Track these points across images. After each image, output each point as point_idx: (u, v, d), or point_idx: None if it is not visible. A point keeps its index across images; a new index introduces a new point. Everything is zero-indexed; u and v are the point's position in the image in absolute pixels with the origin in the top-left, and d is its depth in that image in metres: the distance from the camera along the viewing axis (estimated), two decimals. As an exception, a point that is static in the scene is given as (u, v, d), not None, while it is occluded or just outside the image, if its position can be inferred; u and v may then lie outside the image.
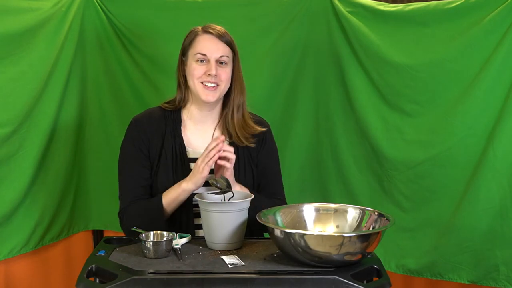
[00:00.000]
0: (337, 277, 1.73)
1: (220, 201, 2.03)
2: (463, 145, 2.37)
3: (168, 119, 2.24)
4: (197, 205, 2.10)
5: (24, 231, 2.55)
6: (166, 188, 2.15)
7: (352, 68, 2.60)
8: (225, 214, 1.97)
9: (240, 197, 2.05)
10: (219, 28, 2.21)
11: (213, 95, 2.17)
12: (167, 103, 2.28)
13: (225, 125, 2.24)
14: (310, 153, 2.71)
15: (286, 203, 2.27)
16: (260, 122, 2.30)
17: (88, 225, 2.93)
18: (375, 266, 1.86)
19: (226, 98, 2.24)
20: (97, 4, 2.76)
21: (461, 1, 2.34)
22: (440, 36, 2.39)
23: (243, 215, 2.00)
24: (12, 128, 2.41)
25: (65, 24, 2.61)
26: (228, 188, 2.03)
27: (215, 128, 2.26)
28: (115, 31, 2.78)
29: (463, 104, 2.36)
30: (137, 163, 2.20)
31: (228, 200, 2.03)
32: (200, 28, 2.22)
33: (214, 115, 2.26)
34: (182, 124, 2.24)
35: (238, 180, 2.19)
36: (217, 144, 2.06)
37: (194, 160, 2.17)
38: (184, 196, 2.12)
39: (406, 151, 2.50)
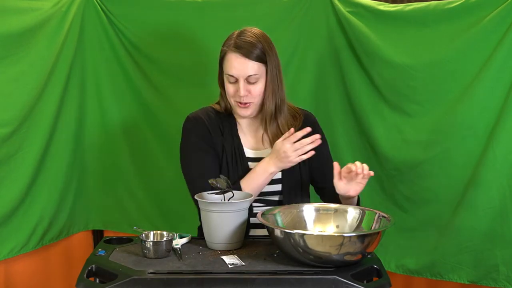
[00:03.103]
0: (337, 277, 1.73)
1: (220, 201, 2.03)
2: (463, 145, 2.37)
3: (224, 120, 2.24)
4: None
5: (24, 231, 2.55)
6: None
7: (352, 68, 2.60)
8: (225, 214, 1.97)
9: (240, 197, 2.05)
10: (249, 40, 2.15)
11: (247, 111, 2.19)
12: (217, 103, 2.28)
13: (272, 127, 2.24)
14: (310, 153, 2.70)
15: None
16: (307, 116, 2.30)
17: (88, 225, 2.93)
18: (375, 266, 1.86)
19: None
20: (97, 4, 2.76)
21: (461, 1, 2.34)
22: (440, 36, 2.39)
23: (243, 215, 2.00)
24: (12, 128, 2.40)
25: (65, 24, 2.61)
26: (228, 188, 2.03)
27: (263, 131, 2.26)
28: (115, 31, 2.78)
29: (463, 104, 2.35)
30: (207, 155, 2.20)
31: (228, 200, 2.03)
32: (233, 39, 2.16)
33: (259, 117, 2.25)
34: (238, 126, 2.25)
35: (290, 174, 2.21)
36: (312, 141, 2.09)
37: (252, 159, 2.20)
38: (269, 180, 2.16)
39: (406, 151, 2.50)
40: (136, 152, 2.86)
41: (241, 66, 2.14)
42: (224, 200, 2.03)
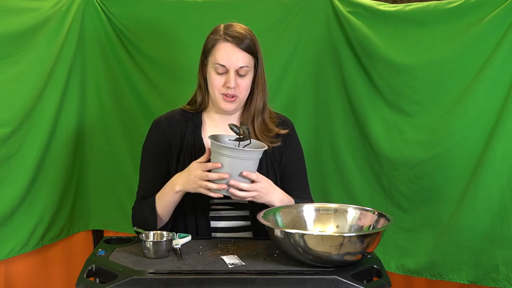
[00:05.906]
0: (337, 277, 1.73)
1: (234, 147, 1.96)
2: (463, 145, 2.37)
3: (189, 121, 2.23)
4: (214, 209, 2.14)
5: (24, 231, 2.55)
6: None
7: (352, 68, 2.60)
8: (236, 160, 1.93)
9: (257, 146, 2.01)
10: (239, 31, 2.13)
11: (232, 105, 2.14)
12: (188, 104, 2.27)
13: (257, 122, 2.21)
14: (310, 153, 2.70)
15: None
16: (285, 122, 2.28)
17: (88, 225, 2.93)
18: (375, 266, 1.86)
19: (247, 100, 2.22)
20: (97, 4, 2.76)
21: (461, 1, 2.34)
22: (440, 36, 2.39)
23: (254, 165, 1.97)
24: (12, 128, 2.40)
25: (65, 24, 2.61)
26: (248, 137, 1.98)
27: None
28: (115, 31, 2.78)
29: (463, 104, 2.36)
30: (152, 164, 2.21)
31: (244, 148, 1.97)
32: (222, 30, 2.15)
33: (235, 117, 2.23)
34: (203, 126, 2.23)
35: None
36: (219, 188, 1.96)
37: None
38: (176, 199, 2.10)
39: (406, 151, 2.50)
40: (136, 152, 2.85)
41: (233, 56, 2.11)
42: (239, 147, 1.98)
